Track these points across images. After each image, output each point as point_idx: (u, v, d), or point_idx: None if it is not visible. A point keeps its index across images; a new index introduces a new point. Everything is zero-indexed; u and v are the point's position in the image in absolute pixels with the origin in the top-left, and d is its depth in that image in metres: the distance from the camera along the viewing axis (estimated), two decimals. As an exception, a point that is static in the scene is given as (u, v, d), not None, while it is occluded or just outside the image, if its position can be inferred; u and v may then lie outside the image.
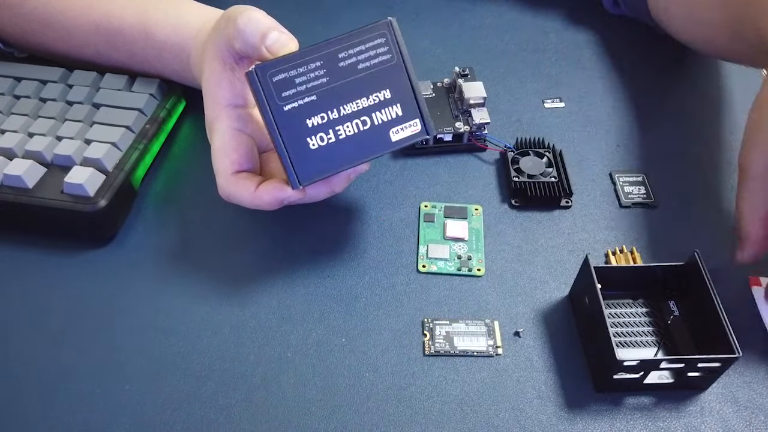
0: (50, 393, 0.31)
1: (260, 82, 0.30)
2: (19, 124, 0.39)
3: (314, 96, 0.30)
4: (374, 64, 0.31)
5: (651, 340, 0.33)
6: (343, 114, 0.30)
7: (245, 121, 0.35)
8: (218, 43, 0.34)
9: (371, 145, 0.31)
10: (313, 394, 0.31)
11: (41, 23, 0.42)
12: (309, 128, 0.30)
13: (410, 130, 0.31)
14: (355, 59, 0.30)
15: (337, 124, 0.30)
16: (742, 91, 0.47)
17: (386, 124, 0.31)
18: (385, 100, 0.31)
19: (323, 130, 0.30)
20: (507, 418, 0.30)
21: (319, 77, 0.30)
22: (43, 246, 0.37)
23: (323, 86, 0.30)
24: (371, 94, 0.31)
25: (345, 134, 0.30)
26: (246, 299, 0.35)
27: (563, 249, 0.37)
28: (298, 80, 0.30)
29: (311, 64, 0.30)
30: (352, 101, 0.30)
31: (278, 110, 0.30)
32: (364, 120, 0.31)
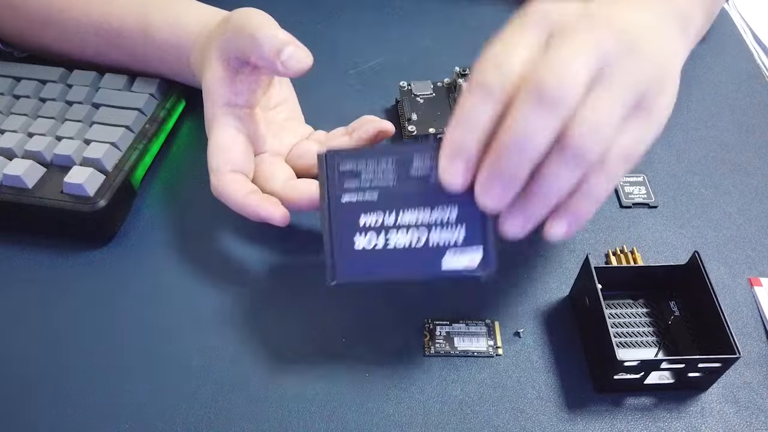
0: (50, 393, 0.31)
1: (327, 166, 0.28)
2: (18, 124, 0.38)
3: (375, 195, 0.28)
4: None
5: (651, 340, 0.33)
6: (399, 222, 0.28)
7: (244, 121, 0.35)
8: (223, 46, 0.34)
9: (419, 265, 0.28)
10: (313, 394, 0.31)
11: (41, 23, 0.42)
12: (360, 226, 0.28)
13: (467, 260, 0.28)
14: (429, 171, 0.28)
15: (390, 232, 0.28)
16: (743, 91, 0.47)
17: (442, 246, 0.28)
18: (449, 220, 0.28)
19: (375, 232, 0.28)
20: (507, 418, 0.30)
21: (387, 178, 0.28)
22: (42, 246, 0.37)
23: (388, 188, 0.28)
24: (435, 210, 0.28)
25: (395, 246, 0.28)
26: (246, 299, 0.35)
27: (563, 249, 0.37)
28: (364, 175, 0.28)
29: (382, 163, 0.28)
30: (413, 212, 0.28)
31: (336, 199, 0.28)
32: (419, 236, 0.28)
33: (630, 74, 0.26)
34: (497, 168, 0.25)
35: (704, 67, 0.49)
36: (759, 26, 0.56)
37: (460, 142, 0.25)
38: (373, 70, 0.48)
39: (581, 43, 0.25)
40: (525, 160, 0.24)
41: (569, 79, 0.24)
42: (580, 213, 0.26)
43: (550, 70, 0.24)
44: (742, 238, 0.38)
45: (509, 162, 0.24)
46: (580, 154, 0.24)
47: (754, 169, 0.41)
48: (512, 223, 0.26)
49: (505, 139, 0.24)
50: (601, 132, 0.25)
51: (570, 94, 0.24)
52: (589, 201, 0.26)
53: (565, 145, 0.24)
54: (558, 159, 0.25)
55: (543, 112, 0.24)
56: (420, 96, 0.43)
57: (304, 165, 0.37)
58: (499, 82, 0.25)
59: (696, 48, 0.50)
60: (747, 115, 0.45)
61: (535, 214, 0.26)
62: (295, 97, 0.41)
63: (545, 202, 0.26)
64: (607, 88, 0.25)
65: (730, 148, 0.43)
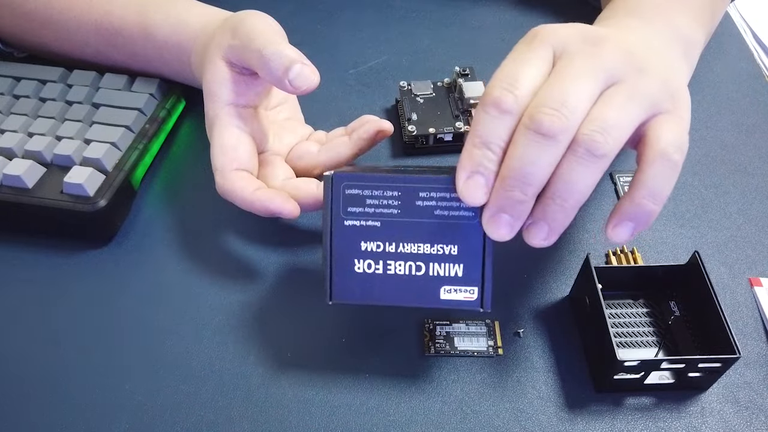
0: (49, 393, 0.31)
1: (333, 188, 0.28)
2: (18, 124, 0.39)
3: (378, 222, 0.28)
4: (453, 215, 0.28)
5: (651, 340, 0.33)
6: (400, 251, 0.28)
7: (246, 120, 0.35)
8: (228, 53, 0.34)
9: (416, 294, 0.28)
10: (313, 394, 0.31)
11: (41, 23, 0.42)
12: (361, 251, 0.28)
13: (463, 295, 0.28)
14: (434, 203, 0.28)
15: (390, 259, 0.28)
16: (743, 91, 0.47)
17: (440, 279, 0.28)
18: (449, 255, 0.28)
19: (374, 258, 0.28)
20: (507, 418, 0.30)
21: (391, 207, 0.28)
22: (42, 246, 0.37)
23: (391, 216, 0.28)
24: (437, 244, 0.28)
25: (394, 272, 0.28)
26: (245, 299, 0.35)
27: (564, 249, 0.37)
28: (369, 201, 0.28)
29: (388, 191, 0.28)
30: (415, 243, 0.28)
31: (339, 221, 0.28)
32: (419, 266, 0.28)
33: (640, 88, 0.26)
34: (504, 197, 0.26)
35: (704, 67, 0.49)
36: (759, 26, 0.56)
37: (478, 160, 0.26)
38: (373, 70, 0.48)
39: (585, 67, 0.26)
40: (528, 190, 0.25)
41: (568, 108, 0.25)
42: (629, 210, 0.26)
43: (549, 101, 0.25)
44: (742, 238, 0.38)
45: (516, 191, 0.25)
46: (593, 149, 0.25)
47: (755, 169, 0.41)
48: (536, 233, 0.27)
49: (510, 171, 0.25)
50: (610, 130, 0.25)
51: (570, 124, 0.25)
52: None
53: (576, 143, 0.25)
54: (572, 161, 0.25)
55: (542, 144, 0.25)
56: (420, 96, 0.43)
57: (304, 166, 0.37)
58: (512, 100, 0.25)
59: (696, 48, 0.50)
60: (747, 115, 0.45)
61: (558, 220, 0.26)
62: (295, 98, 0.41)
63: (566, 206, 0.26)
64: (617, 95, 0.26)
65: (731, 148, 0.43)
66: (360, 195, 0.28)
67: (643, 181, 0.26)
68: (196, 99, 0.43)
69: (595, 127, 0.25)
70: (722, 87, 0.47)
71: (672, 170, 0.26)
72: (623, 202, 0.26)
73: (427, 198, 0.28)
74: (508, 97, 0.25)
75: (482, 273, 0.28)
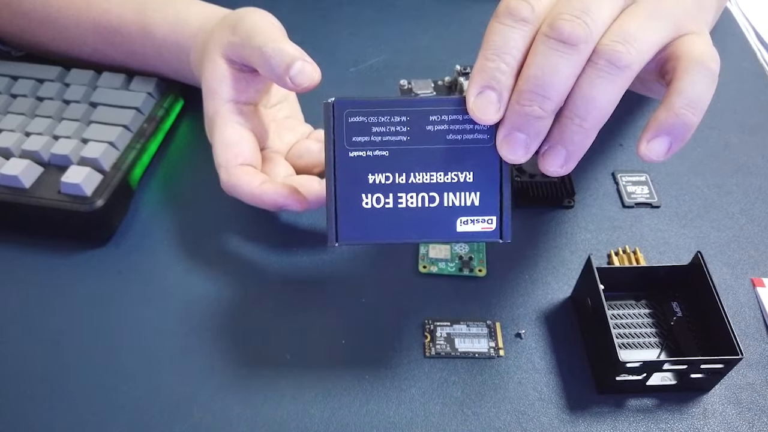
0: (48, 393, 0.31)
1: (335, 116, 0.26)
2: (15, 123, 0.38)
3: (387, 152, 0.26)
4: (466, 139, 0.26)
5: (654, 341, 0.32)
6: (411, 182, 0.26)
7: (247, 116, 0.35)
8: (228, 50, 0.34)
9: (431, 227, 0.26)
10: (312, 395, 0.31)
11: (39, 21, 0.41)
12: (368, 184, 0.26)
13: (481, 226, 0.26)
14: (446, 126, 0.26)
15: (401, 191, 0.26)
16: (746, 90, 0.47)
17: (456, 209, 0.26)
18: (465, 182, 0.26)
19: (384, 191, 0.26)
20: (508, 420, 0.30)
21: (399, 134, 0.26)
22: (39, 246, 0.36)
23: (400, 144, 0.26)
24: (451, 171, 0.26)
25: (406, 205, 0.26)
26: (245, 299, 0.34)
27: (565, 249, 0.37)
28: (375, 129, 0.26)
29: (395, 117, 0.26)
30: (427, 171, 0.26)
31: (342, 153, 0.26)
32: (432, 196, 0.26)
33: (663, 6, 0.25)
34: (521, 114, 0.24)
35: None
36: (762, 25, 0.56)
37: (490, 72, 0.24)
38: (373, 68, 0.48)
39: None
40: (547, 104, 0.23)
41: (590, 17, 0.23)
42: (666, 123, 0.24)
43: (570, 8, 0.23)
44: (745, 239, 0.37)
45: (534, 106, 0.23)
46: (615, 59, 0.23)
47: (757, 168, 0.41)
48: (553, 160, 0.24)
49: (527, 83, 0.23)
50: (633, 41, 0.24)
51: (592, 33, 0.23)
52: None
53: (596, 54, 0.24)
54: (591, 74, 0.23)
55: (563, 53, 0.23)
56: (420, 94, 0.43)
57: (304, 164, 0.37)
58: (528, 9, 0.24)
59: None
60: (750, 114, 0.45)
61: (577, 143, 0.24)
62: (295, 96, 0.41)
63: (585, 126, 0.24)
64: (639, 11, 0.25)
65: (733, 147, 0.42)
66: (365, 122, 0.26)
67: (681, 89, 0.24)
68: (195, 98, 0.43)
69: (616, 38, 0.23)
70: (725, 86, 0.47)
71: (711, 79, 0.24)
72: (659, 113, 0.24)
73: (438, 122, 0.26)
74: (524, 6, 0.24)
75: (500, 201, 0.26)
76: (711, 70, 0.24)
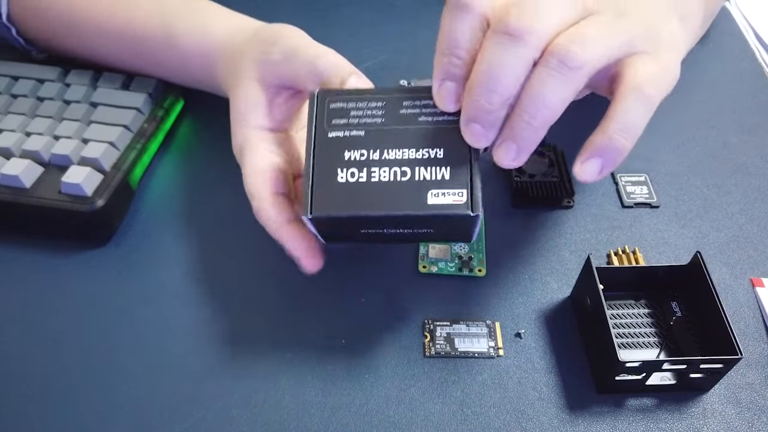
0: (48, 393, 0.31)
1: (318, 103, 0.28)
2: (16, 124, 0.38)
3: (363, 132, 0.28)
4: (437, 121, 0.28)
5: (653, 341, 0.32)
6: (385, 158, 0.27)
7: (278, 144, 0.34)
8: (267, 69, 0.33)
9: (402, 200, 0.27)
10: (312, 395, 0.31)
11: (64, 28, 0.41)
12: (344, 160, 0.27)
13: (452, 198, 0.26)
14: (418, 111, 0.28)
15: (375, 166, 0.27)
16: (745, 90, 0.47)
17: (426, 183, 0.27)
18: (435, 158, 0.27)
19: (358, 167, 0.27)
20: (508, 420, 0.30)
21: (375, 116, 0.28)
22: (40, 246, 0.37)
23: (375, 125, 0.28)
24: (422, 148, 0.27)
25: (379, 179, 0.27)
26: (244, 300, 0.35)
27: (565, 249, 0.37)
28: (353, 113, 0.28)
29: (372, 102, 0.28)
30: (400, 149, 0.27)
31: (322, 134, 0.28)
32: (404, 171, 0.27)
33: (619, 24, 0.25)
34: (472, 106, 0.25)
35: (706, 67, 0.48)
36: (761, 26, 0.56)
37: (445, 67, 0.25)
38: (372, 68, 0.48)
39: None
40: (493, 98, 0.24)
41: (541, 13, 0.24)
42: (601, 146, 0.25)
43: (522, 2, 0.24)
44: (744, 238, 0.37)
45: (481, 99, 0.24)
46: (567, 59, 0.24)
47: (756, 168, 0.41)
48: (505, 154, 0.25)
49: (475, 77, 0.24)
50: (588, 44, 0.24)
51: (542, 29, 0.24)
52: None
53: (548, 53, 0.24)
54: (542, 72, 0.24)
55: (508, 47, 0.23)
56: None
57: None
58: (477, 2, 0.24)
59: (697, 47, 0.50)
60: (749, 114, 0.45)
61: (526, 139, 0.25)
62: None
63: (534, 124, 0.24)
64: (595, 23, 0.25)
65: (732, 147, 0.42)
66: (344, 108, 0.28)
67: (615, 114, 0.25)
68: (195, 98, 0.43)
69: (571, 38, 0.24)
70: (724, 86, 0.47)
71: (645, 106, 0.25)
72: (595, 136, 0.25)
73: (410, 106, 0.28)
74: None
75: (470, 175, 0.27)
76: (648, 98, 0.25)
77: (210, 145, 0.42)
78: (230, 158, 0.36)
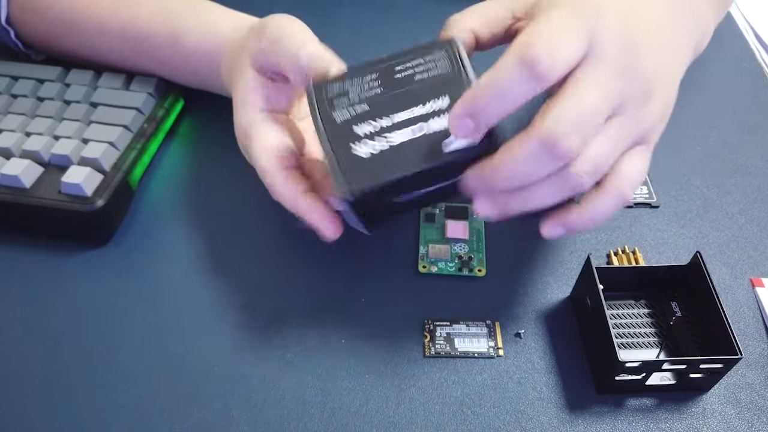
0: (48, 393, 0.31)
1: (316, 97, 0.30)
2: (16, 124, 0.38)
3: (366, 105, 0.29)
4: (432, 75, 0.29)
5: (653, 341, 0.32)
6: (396, 122, 0.29)
7: (282, 125, 0.34)
8: (259, 58, 0.33)
9: (426, 155, 0.28)
10: (312, 396, 0.31)
11: (65, 28, 0.41)
12: (359, 136, 0.29)
13: (466, 141, 0.28)
14: (412, 71, 0.29)
15: (389, 131, 0.29)
16: (745, 91, 0.47)
17: (442, 133, 0.28)
18: (441, 108, 0.29)
19: (374, 138, 0.29)
20: (508, 420, 0.30)
21: (373, 88, 0.29)
22: (40, 246, 0.37)
23: (376, 96, 0.29)
24: (427, 102, 0.29)
25: (398, 142, 0.28)
26: (244, 300, 0.35)
27: (565, 249, 0.37)
28: (351, 92, 0.29)
29: (366, 77, 0.30)
30: (406, 109, 0.29)
31: (329, 119, 0.29)
32: (420, 126, 0.29)
33: (641, 122, 0.27)
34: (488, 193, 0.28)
35: (706, 67, 0.48)
36: (761, 26, 0.56)
37: (483, 108, 0.26)
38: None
39: (607, 88, 0.26)
40: (503, 184, 0.27)
41: (580, 133, 0.25)
42: (572, 223, 0.28)
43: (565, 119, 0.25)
44: (744, 239, 0.37)
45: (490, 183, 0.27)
46: (576, 188, 0.26)
47: (756, 169, 0.41)
48: (483, 206, 0.28)
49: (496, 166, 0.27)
50: (599, 171, 0.27)
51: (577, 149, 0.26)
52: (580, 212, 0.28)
53: (566, 179, 0.26)
54: (548, 182, 0.27)
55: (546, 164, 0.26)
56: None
57: None
58: (549, 68, 0.25)
59: (697, 47, 0.50)
60: (749, 114, 0.45)
61: (508, 207, 0.28)
62: None
63: (520, 201, 0.27)
64: (619, 130, 0.27)
65: (733, 147, 0.42)
66: (341, 90, 0.30)
67: (590, 204, 0.28)
68: (195, 98, 0.43)
69: (588, 169, 0.26)
70: (724, 87, 0.47)
71: (619, 202, 0.28)
72: (570, 213, 0.28)
73: (404, 69, 0.30)
74: (547, 64, 0.25)
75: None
76: (623, 198, 0.28)
77: (210, 145, 0.42)
78: (230, 158, 0.36)
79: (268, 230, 0.38)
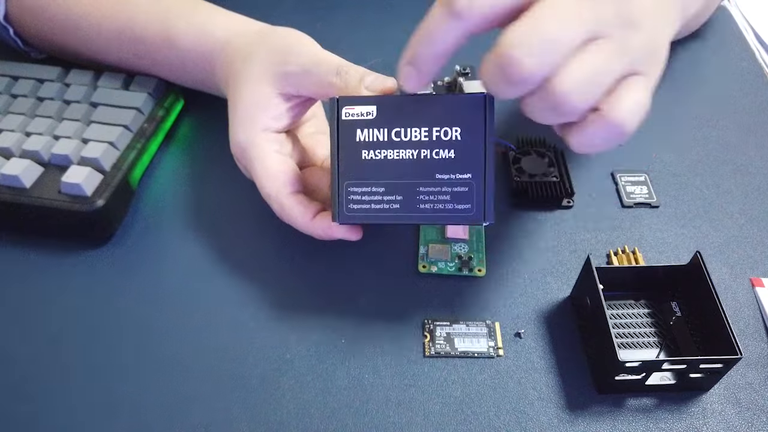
0: (48, 393, 0.31)
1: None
2: (16, 123, 0.38)
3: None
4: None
5: (653, 341, 0.32)
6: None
7: (283, 143, 0.34)
8: (279, 76, 0.33)
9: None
10: (312, 395, 0.31)
11: (63, 27, 0.41)
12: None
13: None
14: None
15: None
16: (745, 90, 0.47)
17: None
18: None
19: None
20: (508, 419, 0.30)
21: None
22: (40, 246, 0.37)
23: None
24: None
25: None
26: (244, 299, 0.35)
27: (565, 249, 0.37)
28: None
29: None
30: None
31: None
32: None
33: (626, 46, 0.25)
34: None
35: (706, 67, 0.48)
36: (760, 25, 0.56)
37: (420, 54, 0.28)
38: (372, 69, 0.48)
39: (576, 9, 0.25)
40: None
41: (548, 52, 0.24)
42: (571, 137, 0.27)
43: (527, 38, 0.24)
44: (744, 238, 0.37)
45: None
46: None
47: (756, 168, 0.41)
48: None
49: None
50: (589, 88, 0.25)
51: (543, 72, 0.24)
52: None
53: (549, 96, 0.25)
54: (531, 101, 0.26)
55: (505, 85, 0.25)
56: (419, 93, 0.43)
57: None
58: (466, 5, 0.26)
59: (697, 47, 0.50)
60: (749, 114, 0.45)
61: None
62: (323, 113, 0.40)
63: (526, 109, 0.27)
64: (601, 51, 0.25)
65: (732, 147, 0.42)
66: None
67: (583, 135, 0.26)
68: (195, 98, 0.43)
69: (569, 87, 0.24)
70: (724, 86, 0.47)
71: (616, 137, 0.26)
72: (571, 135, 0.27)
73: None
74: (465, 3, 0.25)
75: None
76: (623, 133, 0.26)
77: (210, 145, 0.42)
78: (230, 158, 0.36)
79: (268, 230, 0.38)
